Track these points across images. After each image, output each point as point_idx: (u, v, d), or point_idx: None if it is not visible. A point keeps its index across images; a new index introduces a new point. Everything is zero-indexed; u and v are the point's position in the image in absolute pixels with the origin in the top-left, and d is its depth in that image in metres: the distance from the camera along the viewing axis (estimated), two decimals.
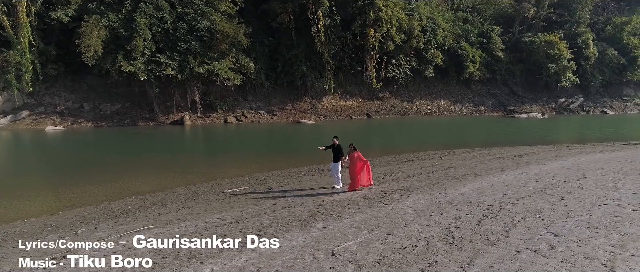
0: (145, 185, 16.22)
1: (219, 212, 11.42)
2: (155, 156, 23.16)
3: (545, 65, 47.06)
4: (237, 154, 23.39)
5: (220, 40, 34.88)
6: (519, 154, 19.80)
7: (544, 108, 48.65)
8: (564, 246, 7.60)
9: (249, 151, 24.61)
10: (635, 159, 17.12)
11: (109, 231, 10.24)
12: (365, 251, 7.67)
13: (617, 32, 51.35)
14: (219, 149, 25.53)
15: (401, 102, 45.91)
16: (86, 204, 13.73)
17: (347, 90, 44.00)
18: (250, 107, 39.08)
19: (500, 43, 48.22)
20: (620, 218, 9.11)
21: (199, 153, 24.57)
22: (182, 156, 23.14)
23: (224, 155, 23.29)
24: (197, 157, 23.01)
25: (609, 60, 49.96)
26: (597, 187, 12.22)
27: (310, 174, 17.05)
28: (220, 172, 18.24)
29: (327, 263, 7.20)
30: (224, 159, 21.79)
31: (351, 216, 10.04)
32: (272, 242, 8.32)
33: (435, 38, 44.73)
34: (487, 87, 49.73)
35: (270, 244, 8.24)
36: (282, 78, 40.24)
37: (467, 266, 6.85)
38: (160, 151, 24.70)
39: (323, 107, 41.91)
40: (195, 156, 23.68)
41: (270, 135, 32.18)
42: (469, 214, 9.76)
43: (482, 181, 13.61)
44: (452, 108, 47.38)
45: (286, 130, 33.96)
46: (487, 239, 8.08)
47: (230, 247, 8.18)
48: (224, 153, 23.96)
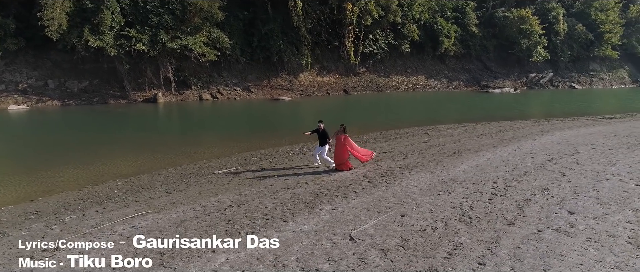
0: (128, 167, 15.42)
1: (214, 195, 10.92)
2: (133, 135, 22.16)
3: (518, 41, 47.74)
4: (218, 133, 22.65)
5: (193, 13, 33.43)
6: (504, 129, 19.96)
7: (515, 83, 49.58)
8: (583, 223, 7.55)
9: (231, 130, 23.90)
10: (619, 133, 17.53)
11: (99, 218, 9.60)
12: (384, 234, 7.39)
13: (586, 8, 52.50)
14: (199, 128, 24.66)
15: (378, 78, 45.73)
16: (67, 188, 12.90)
17: (323, 66, 43.38)
18: (225, 84, 37.98)
19: (475, 18, 48.50)
20: (627, 193, 9.19)
21: (179, 132, 23.67)
22: (161, 136, 22.24)
23: (205, 134, 22.50)
24: (177, 137, 22.15)
25: (578, 35, 51.17)
26: (592, 162, 12.36)
27: (300, 153, 16.64)
28: (205, 152, 17.58)
29: (348, 248, 6.89)
30: (206, 138, 21.04)
31: (358, 196, 9.75)
32: (283, 227, 7.95)
33: (411, 13, 44.45)
34: (461, 63, 50.13)
35: (282, 229, 7.87)
36: (258, 53, 39.18)
37: (494, 248, 6.68)
38: (137, 130, 23.67)
39: (300, 83, 41.23)
40: (175, 135, 22.80)
41: (249, 112, 31.41)
42: (478, 193, 9.63)
43: (478, 157, 13.57)
44: (428, 83, 47.61)
45: (264, 108, 33.23)
46: (505, 218, 7.95)
47: (241, 234, 7.74)
48: (204, 132, 23.15)
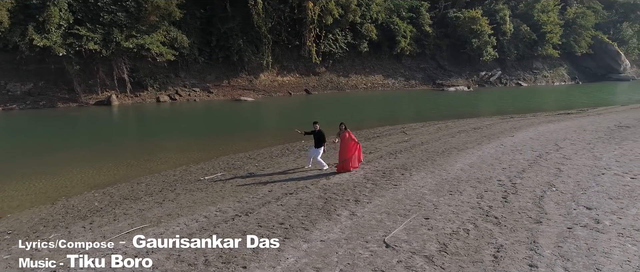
0: (100, 176, 14.26)
1: (211, 203, 10.26)
2: (94, 141, 20.62)
3: (469, 40, 49.50)
4: (189, 136, 21.59)
5: (149, 11, 31.77)
6: (477, 126, 20.44)
7: (468, 81, 51.40)
8: (606, 219, 7.70)
9: (201, 132, 22.89)
10: (586, 128, 18.44)
11: (90, 235, 8.71)
12: (419, 239, 7.16)
13: (529, 9, 55.35)
14: (166, 131, 23.41)
15: (337, 77, 45.78)
16: (37, 202, 11.69)
17: (283, 66, 42.80)
18: (183, 85, 36.47)
19: (429, 18, 49.71)
20: (630, 187, 9.54)
21: (145, 136, 22.29)
22: (127, 140, 20.89)
23: (175, 137, 21.37)
24: (145, 141, 20.83)
25: (523, 35, 53.87)
26: (579, 157, 12.84)
27: (283, 155, 16.14)
28: (182, 157, 16.65)
29: (389, 256, 6.58)
30: (177, 142, 19.95)
31: (370, 200, 9.46)
32: (308, 236, 7.52)
33: (369, 13, 44.82)
34: (416, 62, 51.28)
35: (308, 238, 7.44)
36: (216, 53, 37.95)
37: (536, 248, 6.63)
38: (97, 135, 22.08)
39: (261, 84, 40.42)
40: (142, 139, 21.46)
41: (213, 114, 30.30)
42: (488, 191, 9.65)
43: (468, 155, 13.71)
44: (386, 82, 48.29)
45: (228, 109, 32.21)
46: (529, 217, 7.97)
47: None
48: (173, 135, 22.00)
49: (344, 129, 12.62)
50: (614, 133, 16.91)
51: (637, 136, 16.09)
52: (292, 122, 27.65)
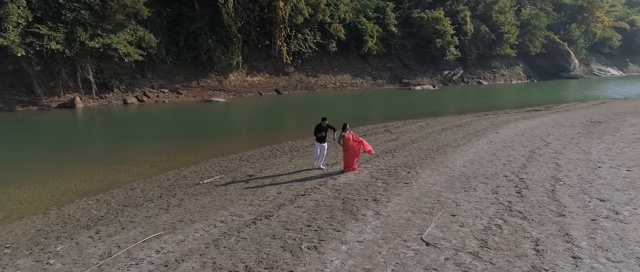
0: (88, 182, 13.53)
1: (222, 208, 9.98)
2: (67, 146, 19.51)
3: (433, 40, 50.76)
4: (169, 139, 20.89)
5: (115, 9, 30.43)
6: (457, 124, 20.97)
7: (432, 80, 52.71)
8: (624, 210, 8.11)
9: (179, 135, 22.17)
10: (563, 124, 19.37)
11: (101, 245, 8.26)
12: (456, 236, 7.26)
13: (488, 10, 57.46)
14: (142, 134, 22.48)
15: (307, 77, 45.72)
16: (27, 212, 10.94)
17: (253, 66, 42.25)
18: (151, 86, 35.21)
19: (394, 18, 50.54)
20: (630, 179, 10.09)
21: (121, 140, 21.23)
22: (103, 144, 19.95)
23: (155, 141, 20.59)
24: (123, 145, 19.91)
25: (482, 36, 55.85)
26: (570, 151, 13.45)
27: (275, 156, 15.91)
28: (170, 161, 16.08)
29: (435, 254, 6.64)
30: (159, 146, 19.23)
31: (389, 199, 9.50)
32: (343, 237, 7.46)
33: (337, 13, 45.04)
34: (383, 61, 52.04)
35: (344, 240, 7.37)
36: (185, 53, 36.91)
37: (572, 240, 6.87)
38: (69, 140, 20.91)
39: (231, 84, 39.71)
40: (119, 143, 20.46)
41: (187, 116, 29.45)
42: (501, 187, 9.93)
43: (463, 152, 14.05)
44: (354, 82, 48.70)
45: (201, 110, 31.42)
46: (551, 210, 8.26)
47: (304, 249, 7.09)
48: (152, 138, 21.19)
49: (347, 129, 12.55)
50: (590, 128, 17.87)
51: (612, 131, 17.06)
52: (269, 122, 27.42)
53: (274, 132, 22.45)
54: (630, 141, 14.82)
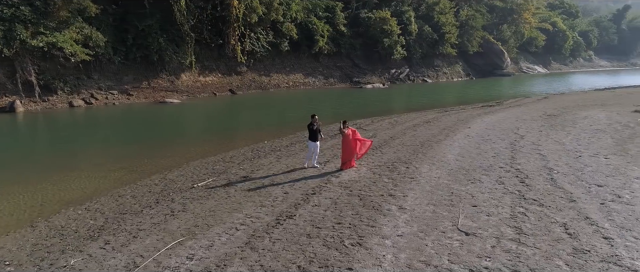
0: (66, 191, 12.59)
1: (233, 210, 9.75)
2: (19, 153, 17.91)
3: (381, 40, 52.06)
4: (135, 143, 19.80)
5: (59, 5, 28.34)
6: (426, 120, 21.75)
7: (381, 78, 54.09)
8: (624, 193, 8.91)
9: (145, 138, 21.09)
10: (523, 118, 20.72)
11: (120, 256, 7.80)
12: (489, 225, 7.62)
13: (430, 11, 59.87)
14: (103, 139, 21.16)
15: (260, 77, 45.18)
16: (10, 226, 10.01)
17: (205, 65, 41.08)
18: (98, 87, 33.14)
19: (343, 18, 51.25)
20: (613, 166, 11.06)
21: (80, 144, 19.69)
22: (61, 150, 18.46)
23: (120, 145, 19.46)
24: (85, 150, 18.52)
25: (426, 35, 58.10)
26: (544, 143, 14.47)
27: (259, 157, 15.66)
28: (147, 165, 15.35)
29: (480, 243, 6.94)
30: (127, 150, 18.19)
31: (404, 194, 9.72)
32: (381, 232, 7.56)
33: (289, 12, 44.91)
34: (333, 60, 52.59)
35: (383, 234, 7.48)
36: (134, 52, 35.10)
37: (595, 222, 7.45)
38: (19, 148, 19.20)
39: (183, 84, 38.34)
40: (80, 148, 18.98)
41: (144, 118, 28.06)
42: (503, 177, 10.51)
43: (448, 147, 14.63)
44: (306, 81, 48.84)
45: (157, 112, 30.08)
46: (561, 197, 8.89)
47: (348, 246, 7.12)
48: (115, 143, 20.02)
49: (347, 126, 12.65)
50: (550, 121, 19.29)
51: (571, 123, 18.54)
52: (234, 123, 26.89)
53: (245, 133, 22.10)
54: (592, 131, 16.22)
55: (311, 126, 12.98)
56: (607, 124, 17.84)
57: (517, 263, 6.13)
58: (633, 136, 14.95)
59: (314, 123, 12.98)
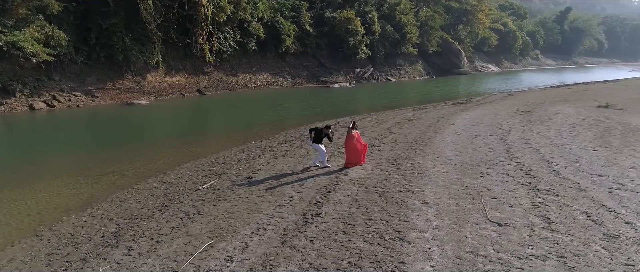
0: (61, 198, 12.03)
1: (253, 211, 9.63)
2: None
3: (346, 39, 52.68)
4: (116, 146, 19.02)
5: (17, 3, 26.71)
6: (408, 117, 22.27)
7: (346, 78, 54.68)
8: (625, 181, 9.58)
9: (124, 141, 20.30)
10: (500, 114, 21.64)
11: (152, 262, 7.53)
12: (516, 216, 7.99)
13: (392, 12, 61.21)
14: (80, 142, 20.18)
15: (227, 77, 44.53)
16: (14, 237, 9.46)
17: (171, 66, 40.00)
18: (60, 89, 31.51)
19: (309, 18, 51.43)
20: (604, 157, 11.85)
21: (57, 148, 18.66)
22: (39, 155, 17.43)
23: (99, 148, 18.61)
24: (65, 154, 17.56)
25: (388, 35, 59.33)
26: (531, 137, 15.23)
27: (255, 157, 15.52)
28: (139, 169, 14.86)
29: (517, 232, 7.27)
30: (110, 154, 17.42)
31: (421, 189, 9.97)
32: (417, 226, 7.77)
33: (256, 11, 44.54)
34: (299, 60, 52.65)
35: (420, 228, 7.69)
36: (97, 52, 33.66)
37: (613, 209, 7.99)
38: None
39: (149, 85, 37.13)
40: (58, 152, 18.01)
41: (116, 120, 26.95)
42: (509, 170, 11.01)
43: (442, 143, 15.07)
44: (274, 81, 48.61)
45: (128, 114, 28.98)
46: (570, 187, 9.44)
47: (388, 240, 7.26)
48: (94, 146, 19.15)
49: (354, 127, 12.75)
50: (526, 117, 20.29)
51: (546, 118, 19.58)
52: (212, 124, 26.40)
53: (228, 133, 21.76)
54: (570, 126, 17.25)
55: (322, 132, 12.92)
56: (579, 118, 19.03)
57: (559, 249, 6.50)
58: (609, 129, 16.05)
59: (324, 130, 12.96)
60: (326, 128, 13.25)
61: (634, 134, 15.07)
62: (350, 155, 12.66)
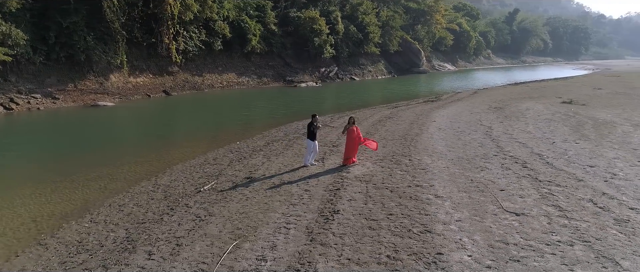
0: (57, 205, 11.48)
1: (267, 211, 9.65)
2: None
3: (311, 39, 52.84)
4: (92, 150, 18.25)
5: None
6: (387, 115, 22.71)
7: (312, 77, 54.87)
8: (617, 171, 10.30)
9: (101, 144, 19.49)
10: (475, 110, 22.53)
11: (182, 265, 7.41)
12: (529, 206, 8.44)
13: (354, 12, 61.98)
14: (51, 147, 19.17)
15: (192, 77, 43.55)
16: (16, 246, 8.99)
17: (135, 66, 38.63)
18: (18, 91, 29.72)
19: (274, 17, 51.21)
20: (587, 149, 12.67)
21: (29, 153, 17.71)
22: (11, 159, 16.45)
23: (77, 152, 17.81)
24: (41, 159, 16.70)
25: (352, 35, 60.04)
26: (514, 132, 15.99)
27: (246, 157, 15.40)
28: (128, 173, 14.32)
29: (536, 222, 7.72)
30: (91, 158, 16.70)
31: (430, 183, 10.31)
32: (441, 219, 8.06)
33: (222, 10, 43.86)
34: (265, 60, 52.29)
35: (445, 221, 7.98)
36: (57, 52, 31.99)
37: (615, 196, 8.62)
38: None
39: (113, 86, 35.70)
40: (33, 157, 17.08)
41: (83, 123, 25.72)
42: (505, 164, 11.56)
43: (431, 139, 15.56)
44: (240, 81, 48.04)
45: (95, 117, 27.74)
46: (567, 177, 10.07)
47: (421, 232, 7.50)
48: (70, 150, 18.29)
49: (353, 123, 12.91)
50: (500, 113, 21.25)
51: (519, 114, 20.62)
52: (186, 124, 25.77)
53: (207, 134, 21.44)
54: (544, 121, 18.26)
55: (311, 125, 13.07)
56: (550, 114, 20.18)
57: (581, 235, 6.97)
58: (581, 124, 17.14)
59: (314, 122, 13.09)
60: (313, 117, 13.21)
61: (605, 128, 16.19)
62: (347, 149, 12.82)
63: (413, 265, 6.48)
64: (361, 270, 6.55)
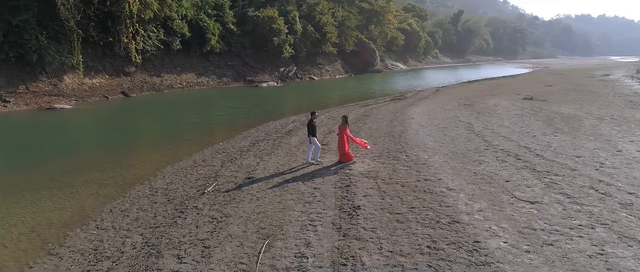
0: (53, 212, 10.89)
1: (285, 209, 9.72)
2: None
3: (270, 38, 52.60)
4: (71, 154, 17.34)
5: None
6: (364, 114, 23.06)
7: (271, 77, 54.62)
8: (603, 160, 11.20)
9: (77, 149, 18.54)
10: (447, 107, 23.45)
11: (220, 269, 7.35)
12: (539, 195, 9.05)
13: (311, 12, 62.34)
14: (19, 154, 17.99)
15: (150, 77, 42.10)
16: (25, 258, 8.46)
17: (90, 66, 36.75)
18: None
19: (232, 16, 50.53)
20: (567, 141, 13.65)
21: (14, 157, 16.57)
22: None
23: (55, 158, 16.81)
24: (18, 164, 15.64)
25: (309, 35, 60.35)
26: (493, 127, 16.85)
27: (237, 157, 15.24)
28: (120, 177, 13.79)
29: (551, 208, 8.30)
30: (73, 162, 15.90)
31: (437, 177, 10.74)
32: (462, 209, 8.47)
33: (180, 9, 42.72)
34: (224, 60, 51.46)
35: (467, 212, 8.40)
36: (5, 51, 29.93)
37: (613, 183, 9.42)
38: None
39: (67, 88, 33.81)
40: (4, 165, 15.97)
41: (44, 128, 24.16)
42: (499, 156, 12.22)
43: (417, 136, 16.11)
44: (200, 81, 46.99)
45: (54, 120, 26.16)
46: (562, 169, 10.83)
47: (448, 223, 7.87)
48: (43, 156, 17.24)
49: (345, 122, 13.13)
50: (472, 109, 22.26)
51: (490, 110, 21.71)
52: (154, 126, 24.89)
53: (182, 135, 20.85)
54: (517, 116, 19.39)
55: (312, 123, 13.19)
56: (519, 109, 21.45)
57: (597, 219, 7.61)
58: (551, 118, 18.37)
59: (314, 120, 13.22)
60: (312, 114, 13.46)
61: (574, 121, 17.48)
62: (340, 146, 13.05)
63: (456, 253, 6.80)
64: (407, 261, 6.80)
